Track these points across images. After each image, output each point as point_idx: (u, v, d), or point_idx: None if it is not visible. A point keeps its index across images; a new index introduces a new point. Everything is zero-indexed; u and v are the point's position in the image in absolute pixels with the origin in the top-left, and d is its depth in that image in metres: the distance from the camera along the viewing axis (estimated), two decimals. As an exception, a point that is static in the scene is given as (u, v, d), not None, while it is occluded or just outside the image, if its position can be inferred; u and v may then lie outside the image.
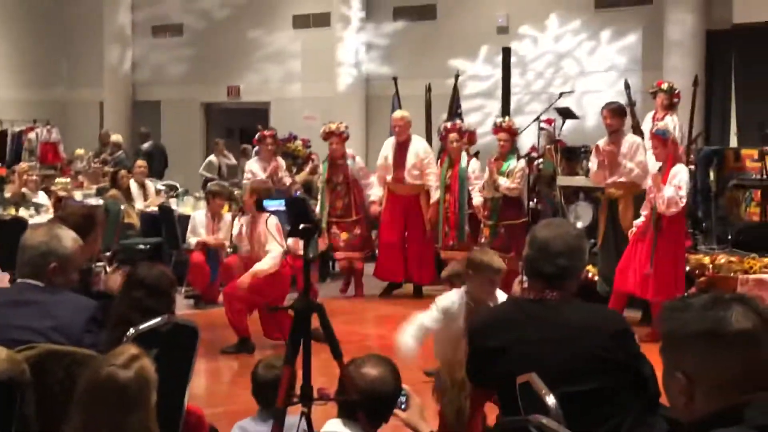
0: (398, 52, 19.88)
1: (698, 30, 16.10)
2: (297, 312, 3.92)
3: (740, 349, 2.23)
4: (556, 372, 3.81)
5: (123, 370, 3.18)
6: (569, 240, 4.01)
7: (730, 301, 2.28)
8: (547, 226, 4.14)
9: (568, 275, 4.01)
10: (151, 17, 23.83)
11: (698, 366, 2.25)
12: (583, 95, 17.40)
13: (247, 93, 22.25)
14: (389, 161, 12.40)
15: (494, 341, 4.02)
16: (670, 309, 2.33)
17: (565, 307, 3.98)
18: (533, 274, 4.05)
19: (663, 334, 2.33)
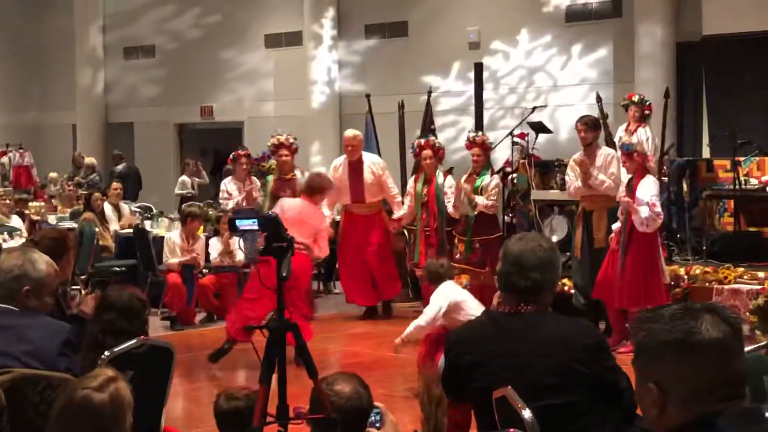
0: (371, 69, 19.91)
1: (668, 42, 16.21)
2: (272, 331, 3.92)
3: (711, 358, 2.23)
4: (532, 385, 3.82)
5: (98, 393, 3.17)
6: (542, 254, 4.03)
7: (700, 311, 2.28)
8: (520, 240, 4.15)
9: (542, 289, 4.03)
10: (122, 39, 23.79)
11: (669, 376, 2.25)
12: (555, 109, 17.47)
13: (221, 113, 22.23)
14: (345, 182, 12.08)
15: (469, 356, 4.04)
16: (641, 320, 2.34)
17: (540, 320, 4.00)
18: (507, 289, 4.06)
19: (634, 345, 2.34)
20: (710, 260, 11.72)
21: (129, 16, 23.59)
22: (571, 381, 3.84)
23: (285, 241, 3.93)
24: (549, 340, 3.91)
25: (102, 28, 24.01)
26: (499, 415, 3.90)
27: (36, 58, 24.86)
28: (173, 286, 11.65)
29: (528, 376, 3.86)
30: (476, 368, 4.00)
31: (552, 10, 17.85)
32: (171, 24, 23.03)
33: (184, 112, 22.79)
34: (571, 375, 3.84)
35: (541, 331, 3.95)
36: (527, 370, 3.87)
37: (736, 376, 2.26)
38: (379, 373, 8.74)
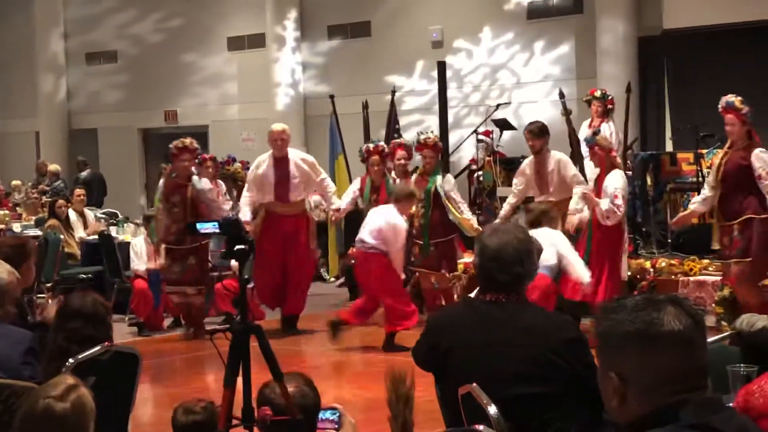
0: (334, 70, 19.89)
1: (630, 37, 16.30)
2: (235, 334, 3.90)
3: (671, 350, 2.23)
4: (506, 374, 3.84)
5: (59, 402, 3.15)
6: (519, 246, 4.05)
7: (662, 302, 2.28)
8: (495, 233, 4.14)
9: (523, 280, 4.07)
10: (84, 44, 23.64)
11: (630, 367, 2.26)
12: (519, 106, 17.53)
13: (185, 117, 22.14)
14: (270, 179, 11.28)
15: (446, 342, 4.08)
16: (605, 310, 2.34)
17: (521, 311, 4.02)
18: (488, 283, 4.06)
19: (597, 335, 2.34)
20: (675, 253, 11.80)
21: (90, 21, 23.46)
22: (546, 372, 3.85)
23: (246, 243, 3.93)
24: (529, 330, 3.93)
25: (63, 33, 23.86)
26: (465, 411, 3.91)
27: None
28: (140, 292, 11.58)
29: (503, 364, 3.88)
30: (453, 354, 4.03)
31: (513, 7, 17.90)
32: (133, 29, 22.91)
33: (148, 117, 22.68)
34: (547, 366, 3.85)
35: (522, 321, 3.98)
36: (503, 358, 3.89)
37: (698, 368, 2.27)
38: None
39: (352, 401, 8.07)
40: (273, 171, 11.27)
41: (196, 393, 8.45)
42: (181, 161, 11.33)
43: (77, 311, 4.92)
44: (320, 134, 17.68)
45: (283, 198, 11.29)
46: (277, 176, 11.24)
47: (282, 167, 11.27)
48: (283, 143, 11.30)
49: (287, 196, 11.29)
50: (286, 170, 11.26)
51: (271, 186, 11.26)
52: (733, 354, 4.53)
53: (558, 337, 3.90)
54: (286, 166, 11.28)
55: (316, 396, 3.89)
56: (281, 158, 11.30)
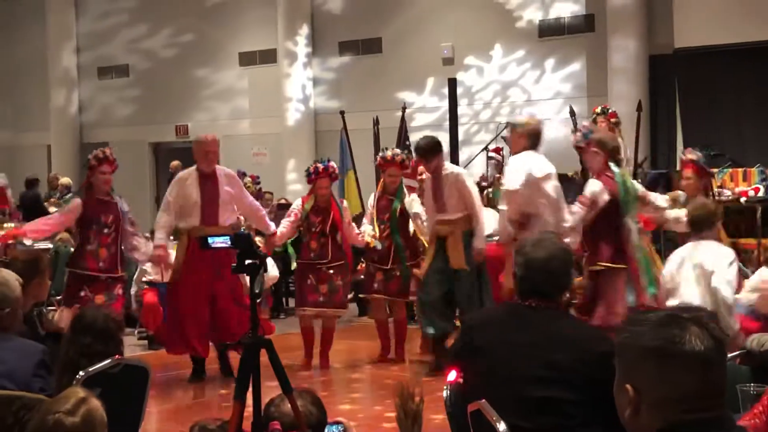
0: (345, 86, 19.94)
1: (641, 55, 16.32)
2: (246, 347, 3.92)
3: (690, 369, 2.23)
4: (531, 374, 3.87)
5: (69, 417, 3.16)
6: (563, 256, 4.16)
7: (687, 321, 2.28)
8: (539, 245, 4.17)
9: (565, 291, 4.19)
10: (96, 59, 23.73)
11: (647, 381, 2.26)
12: (530, 123, 17.50)
13: (196, 131, 22.10)
14: (194, 199, 9.47)
15: (479, 339, 4.13)
16: (629, 321, 2.35)
17: (558, 318, 4.07)
18: (530, 293, 4.11)
19: (617, 345, 2.35)
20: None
21: (102, 35, 23.55)
22: (572, 380, 3.85)
23: (258, 258, 3.94)
24: (562, 337, 3.97)
25: (75, 48, 23.95)
26: (473, 428, 3.91)
27: (9, 78, 24.75)
28: (150, 306, 11.59)
29: (531, 365, 3.90)
30: (484, 350, 4.09)
31: (525, 25, 17.94)
32: (145, 43, 22.99)
33: (159, 131, 22.74)
34: (574, 375, 3.85)
35: (557, 327, 4.02)
36: (532, 359, 3.91)
37: (714, 390, 2.27)
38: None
39: (357, 416, 8.08)
40: (199, 190, 9.48)
41: (205, 407, 8.48)
42: (102, 174, 9.84)
43: (88, 326, 4.94)
44: (330, 150, 17.68)
45: (213, 221, 9.43)
46: (205, 196, 9.45)
47: (211, 185, 9.49)
48: (214, 156, 9.59)
49: (216, 219, 9.46)
50: (215, 189, 9.47)
51: (197, 207, 9.47)
52: (743, 373, 4.53)
53: (590, 349, 3.91)
54: (215, 184, 9.50)
55: (322, 414, 3.90)
56: (210, 174, 9.53)
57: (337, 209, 10.20)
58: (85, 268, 9.21)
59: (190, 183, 9.53)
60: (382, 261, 10.41)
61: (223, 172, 9.68)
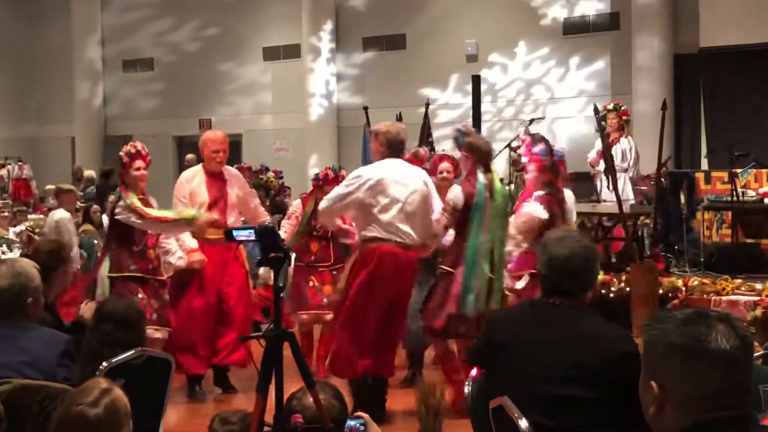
0: (369, 82, 19.94)
1: (666, 54, 16.27)
2: (269, 341, 3.92)
3: (715, 368, 2.23)
4: (554, 372, 3.86)
5: (92, 408, 3.18)
6: (586, 254, 4.10)
7: (713, 319, 2.27)
8: (561, 242, 4.15)
9: (588, 289, 4.12)
10: (121, 52, 23.83)
11: (672, 378, 2.26)
12: (553, 121, 17.50)
13: (219, 125, 22.18)
14: (203, 199, 8.78)
15: (501, 336, 4.11)
16: (655, 318, 2.34)
17: (581, 317, 4.05)
18: (553, 290, 4.10)
19: (644, 342, 2.34)
20: (708, 272, 11.71)
21: (127, 29, 23.64)
22: (594, 379, 3.84)
23: (282, 252, 3.95)
24: (585, 336, 3.94)
25: (100, 40, 24.05)
26: (495, 424, 3.91)
27: (34, 71, 24.88)
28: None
29: (553, 363, 3.88)
30: (507, 348, 4.06)
31: (549, 23, 17.90)
32: (169, 37, 23.06)
33: (182, 124, 22.81)
34: (596, 374, 3.84)
35: (580, 326, 4.00)
36: (554, 358, 3.90)
37: (739, 389, 2.26)
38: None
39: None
40: (208, 191, 8.90)
41: (224, 399, 8.49)
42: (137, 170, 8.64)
43: (110, 315, 4.97)
44: (353, 145, 17.70)
45: (219, 223, 8.65)
46: (214, 197, 8.86)
47: (218, 186, 8.93)
48: (224, 156, 8.98)
49: (224, 221, 8.73)
50: (222, 190, 8.92)
51: (204, 208, 8.71)
52: (765, 374, 4.51)
53: (612, 348, 3.89)
54: (222, 184, 8.95)
55: (344, 407, 3.90)
56: (218, 174, 8.96)
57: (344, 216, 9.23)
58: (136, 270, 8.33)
59: (197, 183, 8.91)
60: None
61: (232, 173, 9.15)
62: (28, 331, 4.43)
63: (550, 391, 3.84)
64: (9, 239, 13.96)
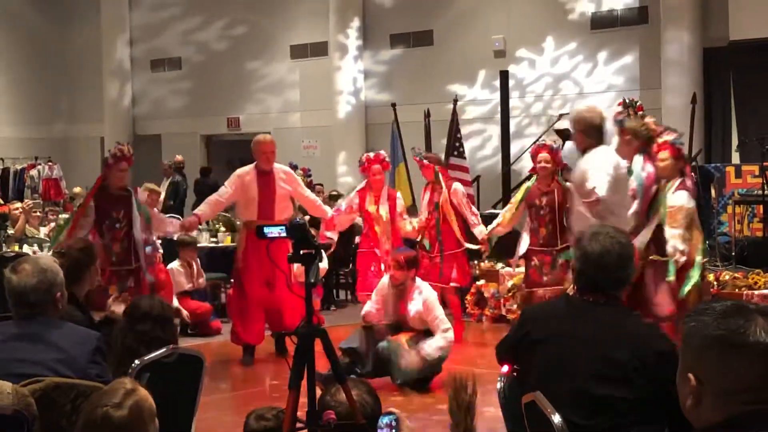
0: (396, 78, 19.94)
1: (695, 48, 16.16)
2: (300, 337, 3.93)
3: (753, 360, 2.20)
4: (588, 369, 3.84)
5: (117, 410, 3.19)
6: (621, 250, 4.06)
7: (752, 312, 2.25)
8: (596, 238, 4.12)
9: (623, 285, 4.08)
10: (149, 51, 23.93)
11: (709, 371, 2.24)
12: (582, 116, 17.42)
13: (247, 124, 22.30)
14: (253, 195, 10.08)
15: (537, 333, 4.09)
16: (694, 311, 2.33)
17: (617, 313, 4.02)
18: (588, 287, 4.07)
19: (683, 334, 2.33)
20: (740, 266, 11.66)
21: (156, 28, 23.74)
22: (629, 377, 3.80)
23: (313, 248, 3.94)
24: (620, 333, 3.90)
25: (129, 40, 24.16)
26: (528, 420, 3.90)
27: (64, 70, 25.03)
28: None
29: (588, 360, 3.85)
30: (541, 344, 4.05)
31: (577, 17, 17.84)
32: (197, 36, 23.14)
33: (211, 123, 22.89)
34: (632, 372, 3.80)
35: (616, 323, 3.97)
36: (589, 354, 3.87)
37: None
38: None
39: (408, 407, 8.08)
40: (257, 186, 10.13)
41: (256, 396, 8.52)
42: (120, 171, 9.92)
43: (146, 313, 4.97)
44: (381, 142, 17.70)
45: (267, 215, 10.01)
46: (262, 192, 10.12)
47: (268, 182, 10.15)
48: (272, 156, 10.24)
49: (272, 213, 10.06)
50: (272, 186, 10.15)
51: (254, 202, 10.11)
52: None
53: (649, 346, 3.85)
54: (272, 181, 10.17)
55: (377, 403, 3.89)
56: (268, 172, 10.18)
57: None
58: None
59: (249, 180, 10.13)
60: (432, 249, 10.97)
61: (281, 169, 10.33)
62: (59, 328, 4.45)
63: (586, 389, 3.80)
64: (40, 239, 14.06)
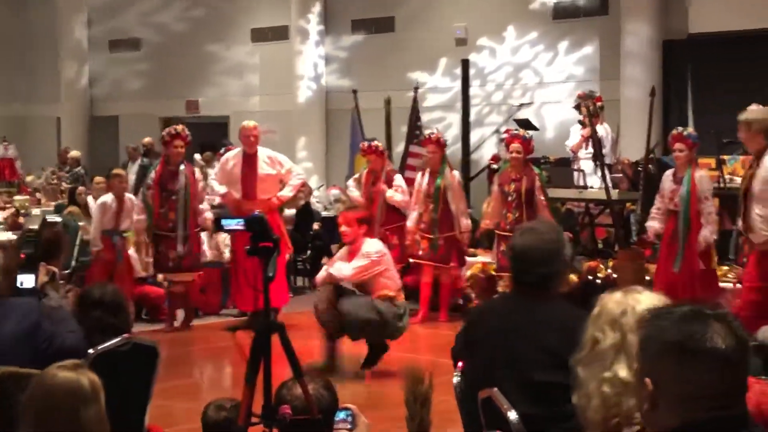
0: (357, 64, 19.88)
1: (654, 40, 16.22)
2: (257, 332, 3.90)
3: (710, 367, 2.20)
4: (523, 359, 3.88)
5: (71, 372, 3.20)
6: (545, 246, 4.07)
7: (710, 317, 2.24)
8: (524, 233, 4.17)
9: (550, 281, 4.08)
10: (107, 32, 23.70)
11: (666, 376, 2.24)
12: (542, 106, 17.49)
13: (206, 107, 22.17)
14: (236, 176, 11.35)
15: (478, 332, 4.17)
16: (653, 314, 2.32)
17: (545, 303, 4.05)
18: (517, 282, 4.11)
19: (640, 339, 2.32)
20: (695, 259, 11.72)
21: (114, 8, 23.51)
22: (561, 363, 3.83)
23: (271, 241, 3.92)
24: (549, 320, 3.96)
25: (87, 20, 23.91)
26: (484, 416, 3.90)
27: (20, 51, 24.74)
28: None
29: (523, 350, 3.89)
30: (479, 344, 4.12)
31: (539, 7, 17.85)
32: (156, 17, 22.95)
33: (169, 105, 22.71)
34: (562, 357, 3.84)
35: (544, 312, 4.02)
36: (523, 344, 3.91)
37: (735, 389, 2.24)
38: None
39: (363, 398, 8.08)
40: (242, 168, 11.29)
41: (212, 386, 8.49)
42: (175, 148, 11.34)
43: (98, 300, 4.93)
44: (341, 129, 17.69)
45: (250, 195, 11.23)
46: (245, 173, 11.27)
47: (251, 164, 11.28)
48: (255, 140, 11.33)
49: (255, 193, 11.22)
50: (254, 167, 11.26)
51: (238, 183, 11.27)
52: (754, 366, 4.51)
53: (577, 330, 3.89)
54: (254, 163, 11.28)
55: (333, 398, 3.89)
56: (251, 155, 11.31)
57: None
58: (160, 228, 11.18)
59: (234, 162, 11.32)
60: (427, 231, 11.73)
61: (266, 153, 11.41)
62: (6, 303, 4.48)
63: (528, 379, 3.84)
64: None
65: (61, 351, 4.42)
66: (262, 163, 11.29)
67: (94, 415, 3.18)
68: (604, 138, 13.12)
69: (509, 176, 11.25)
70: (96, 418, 3.19)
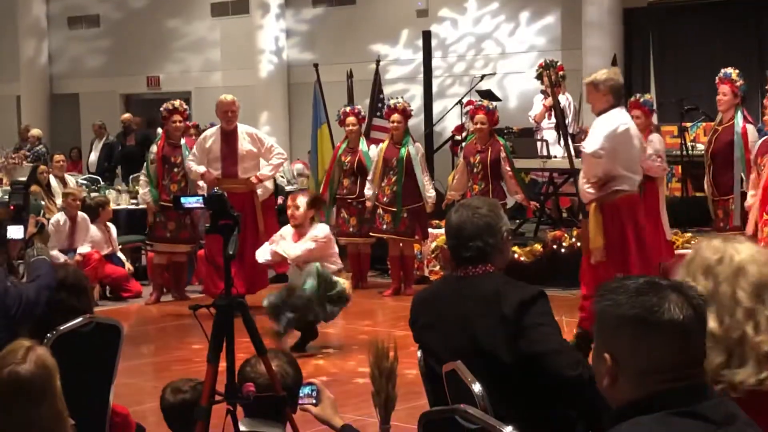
0: (319, 38, 19.79)
1: (615, 9, 16.24)
2: (219, 309, 3.88)
3: (668, 339, 2.20)
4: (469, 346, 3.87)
5: (22, 365, 3.18)
6: (479, 221, 4.06)
7: (665, 288, 2.24)
8: (457, 210, 4.19)
9: (487, 254, 4.06)
10: (66, 8, 23.44)
11: (624, 350, 2.23)
12: (504, 77, 17.49)
13: (167, 83, 22.00)
14: (216, 154, 10.80)
15: (422, 318, 4.16)
16: (606, 289, 2.30)
17: (483, 281, 4.01)
18: (455, 259, 4.11)
19: (595, 313, 2.31)
20: (658, 226, 11.79)
21: (72, -16, 23.25)
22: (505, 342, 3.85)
23: (231, 219, 3.89)
24: (486, 300, 3.94)
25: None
26: (448, 389, 3.91)
27: (-22, 28, 24.44)
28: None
29: (467, 337, 3.90)
30: (427, 330, 4.12)
31: (500, -23, 17.83)
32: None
33: (130, 82, 22.54)
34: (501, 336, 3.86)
35: (484, 290, 3.98)
36: (467, 331, 3.91)
37: (693, 359, 2.24)
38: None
39: (330, 371, 8.10)
40: (220, 145, 10.76)
41: (178, 362, 8.45)
42: (173, 123, 11.40)
43: (60, 282, 4.89)
44: (304, 103, 17.58)
45: (232, 174, 10.72)
46: (225, 151, 10.73)
47: (231, 142, 10.74)
48: (233, 115, 10.78)
49: (235, 172, 10.72)
50: (234, 145, 10.72)
51: (218, 161, 10.75)
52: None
53: (512, 300, 3.89)
54: (234, 140, 10.74)
55: (297, 374, 3.89)
56: (230, 132, 10.77)
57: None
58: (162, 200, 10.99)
59: (213, 140, 10.79)
60: (391, 204, 11.67)
61: (245, 129, 10.89)
62: None
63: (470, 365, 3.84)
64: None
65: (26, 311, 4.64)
66: (242, 139, 10.74)
67: (46, 410, 3.17)
68: (566, 107, 13.18)
69: (474, 148, 11.29)
70: (48, 413, 3.17)
